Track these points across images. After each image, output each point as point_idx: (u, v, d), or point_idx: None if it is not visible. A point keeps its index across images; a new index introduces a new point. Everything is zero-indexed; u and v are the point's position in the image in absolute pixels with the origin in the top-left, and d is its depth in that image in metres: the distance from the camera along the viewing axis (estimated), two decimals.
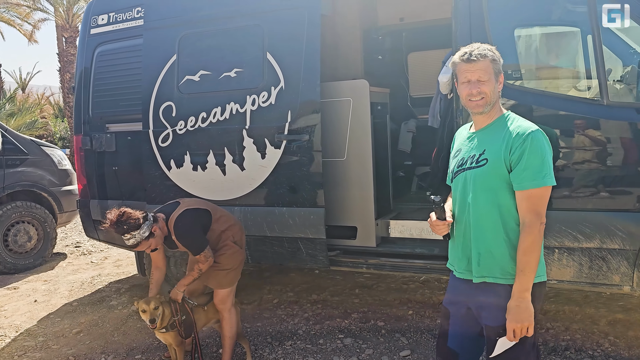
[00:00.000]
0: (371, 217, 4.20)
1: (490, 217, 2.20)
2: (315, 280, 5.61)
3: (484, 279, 2.24)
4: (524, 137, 2.10)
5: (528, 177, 2.08)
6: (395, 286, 5.30)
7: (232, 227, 3.61)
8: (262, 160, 4.16)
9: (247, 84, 4.19)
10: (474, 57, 2.20)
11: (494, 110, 2.26)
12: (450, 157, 2.47)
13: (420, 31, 5.58)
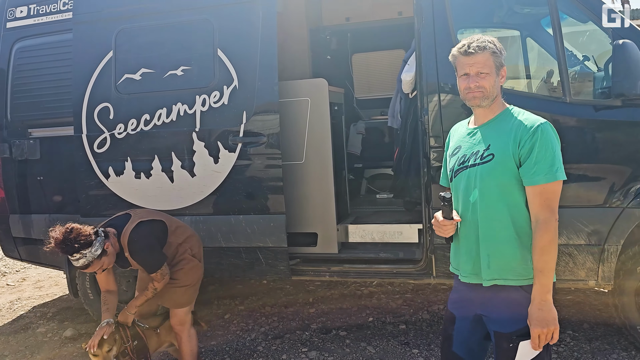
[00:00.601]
0: (332, 223, 4.02)
1: (499, 215, 2.09)
2: (265, 291, 5.33)
3: (494, 281, 2.12)
4: (533, 129, 2.00)
5: (540, 171, 1.98)
6: (349, 292, 5.15)
7: (189, 239, 3.29)
8: (215, 165, 3.85)
9: (196, 83, 3.87)
10: (472, 49, 2.07)
11: (496, 104, 2.15)
12: (447, 154, 2.34)
13: (365, 32, 5.50)
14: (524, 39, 4.48)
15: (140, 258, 2.98)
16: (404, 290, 5.08)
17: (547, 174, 1.98)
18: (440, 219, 2.19)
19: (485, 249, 2.13)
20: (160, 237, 3.11)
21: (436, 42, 3.49)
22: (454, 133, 2.36)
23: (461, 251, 2.24)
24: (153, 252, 3.00)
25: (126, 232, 2.98)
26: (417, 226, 4.00)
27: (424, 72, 3.52)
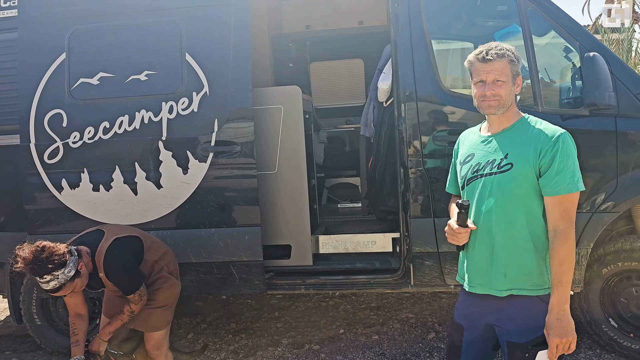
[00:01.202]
0: (307, 234, 3.90)
1: (517, 225, 2.08)
2: (226, 306, 5.11)
3: (510, 292, 2.10)
4: (554, 139, 2.00)
5: (561, 181, 1.99)
6: (314, 304, 5.04)
7: (165, 255, 3.06)
8: (184, 176, 3.63)
9: (163, 89, 3.64)
10: (490, 56, 2.06)
11: (511, 112, 2.15)
12: (458, 162, 2.31)
13: (324, 40, 5.46)
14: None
15: (118, 278, 2.73)
16: (368, 300, 5.04)
17: (569, 184, 1.99)
18: (455, 227, 2.16)
19: (501, 259, 2.10)
20: (137, 254, 2.87)
21: (413, 51, 3.50)
22: (465, 140, 2.33)
23: (472, 261, 2.21)
24: (131, 271, 2.76)
25: (101, 250, 2.72)
26: (392, 235, 3.98)
27: (400, 80, 3.51)
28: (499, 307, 2.14)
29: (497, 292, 2.12)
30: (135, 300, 2.78)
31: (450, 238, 2.20)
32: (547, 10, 3.45)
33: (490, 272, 2.14)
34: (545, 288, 2.08)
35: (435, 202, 3.54)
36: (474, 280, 2.19)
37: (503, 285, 2.10)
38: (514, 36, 4.85)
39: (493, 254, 2.12)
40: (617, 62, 3.38)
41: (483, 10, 3.80)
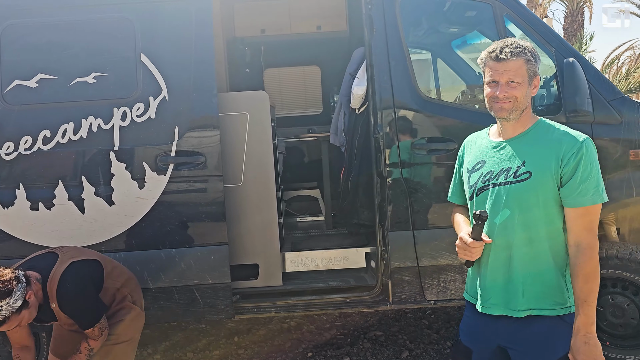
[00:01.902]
0: (275, 251, 3.60)
1: (537, 239, 1.91)
2: (178, 333, 4.66)
3: (530, 312, 1.93)
4: (578, 146, 1.85)
5: (585, 192, 1.84)
6: (275, 326, 4.71)
7: (128, 282, 2.68)
8: (139, 191, 3.23)
9: (114, 93, 3.24)
10: (504, 55, 1.89)
11: (527, 116, 1.98)
12: (465, 169, 2.12)
13: (279, 45, 5.20)
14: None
15: (74, 310, 2.32)
16: (331, 319, 4.79)
17: (593, 195, 1.84)
18: (468, 240, 1.95)
19: (518, 276, 1.93)
20: (96, 281, 2.47)
21: (389, 55, 3.32)
22: (472, 146, 2.15)
23: (485, 279, 2.02)
24: (90, 301, 2.38)
25: (54, 277, 2.30)
26: (365, 250, 3.76)
27: (377, 86, 3.32)
28: (515, 329, 1.96)
29: (514, 313, 1.94)
30: (94, 335, 2.38)
31: (462, 253, 2.00)
32: (522, 16, 3.39)
33: (506, 291, 1.96)
34: (566, 307, 1.92)
35: (414, 214, 3.36)
36: (488, 300, 2.00)
37: (521, 305, 1.93)
38: (474, 44, 4.87)
39: (509, 270, 1.95)
40: (591, 69, 3.37)
41: (456, 14, 3.71)
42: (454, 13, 3.75)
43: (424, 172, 3.33)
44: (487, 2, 3.38)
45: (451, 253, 3.38)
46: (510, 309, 1.95)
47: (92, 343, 2.44)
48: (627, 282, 3.38)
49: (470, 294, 2.12)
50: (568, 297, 1.93)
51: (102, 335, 2.44)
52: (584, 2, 16.69)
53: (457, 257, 3.35)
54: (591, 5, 17.15)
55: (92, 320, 2.38)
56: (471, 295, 2.10)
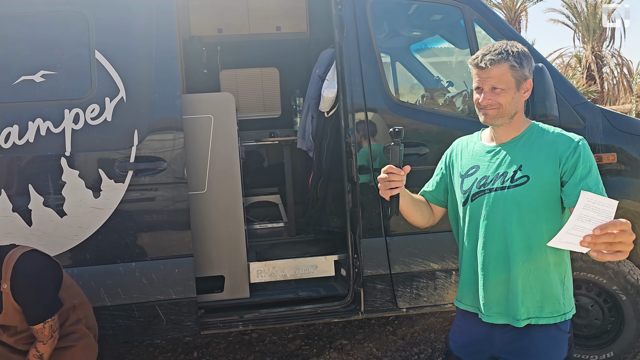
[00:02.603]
0: (242, 262, 3.41)
1: (537, 243, 1.86)
2: (131, 351, 4.36)
3: (529, 320, 1.88)
4: (574, 145, 1.83)
5: (588, 188, 1.79)
6: (235, 339, 4.50)
7: (85, 305, 2.45)
8: (95, 200, 2.96)
9: (65, 93, 2.96)
10: (483, 64, 1.84)
11: (519, 120, 1.94)
12: (457, 174, 2.05)
13: (236, 46, 5.00)
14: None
15: (27, 295, 2.13)
16: (294, 329, 4.64)
17: (595, 191, 1.80)
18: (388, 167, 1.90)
19: (518, 283, 1.87)
20: (55, 279, 2.23)
21: (361, 56, 3.23)
22: (462, 150, 2.08)
23: (486, 286, 1.95)
24: (46, 291, 2.19)
25: (13, 256, 2.13)
26: (334, 257, 3.64)
27: (347, 88, 3.21)
28: (511, 338, 1.91)
29: (514, 322, 1.89)
30: (44, 336, 2.17)
31: (383, 187, 1.92)
32: (491, 20, 3.39)
33: (507, 299, 1.90)
34: (562, 314, 1.89)
35: (386, 220, 3.28)
36: (490, 309, 1.93)
37: (521, 314, 1.88)
38: (434, 47, 4.88)
39: (509, 277, 1.89)
40: (556, 74, 3.42)
41: (423, 18, 3.68)
42: (421, 16, 3.71)
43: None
44: (457, 6, 3.35)
45: (424, 259, 3.33)
46: (512, 317, 1.90)
47: (41, 347, 2.20)
48: (591, 283, 3.45)
49: (464, 302, 2.04)
50: (564, 304, 1.90)
51: (52, 339, 2.21)
52: (521, 11, 17.46)
53: (430, 264, 3.34)
54: (527, 15, 17.95)
55: (45, 314, 2.16)
56: (466, 303, 2.03)
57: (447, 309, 3.44)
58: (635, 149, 3.47)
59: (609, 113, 3.52)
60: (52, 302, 2.27)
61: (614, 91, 20.98)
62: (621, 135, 3.45)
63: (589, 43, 20.52)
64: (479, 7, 3.36)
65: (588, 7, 20.02)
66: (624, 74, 20.99)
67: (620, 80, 20.98)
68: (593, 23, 20.31)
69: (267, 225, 4.80)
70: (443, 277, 3.36)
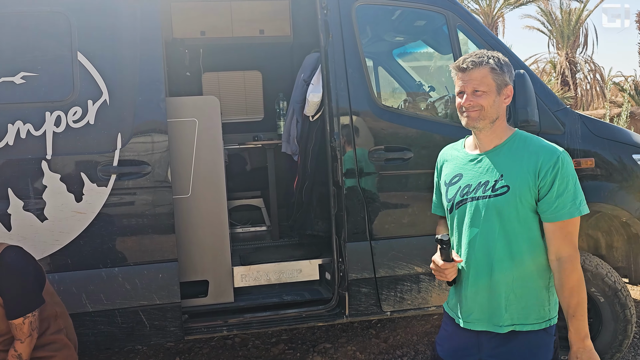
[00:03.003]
0: (227, 267, 3.39)
1: (519, 251, 1.89)
2: (112, 357, 4.28)
3: (513, 327, 1.90)
4: (554, 160, 1.84)
5: (562, 205, 1.83)
6: (218, 344, 4.46)
7: (65, 316, 2.46)
8: (77, 204, 2.91)
9: (47, 96, 2.90)
10: (465, 64, 1.88)
11: (501, 127, 1.96)
12: (442, 182, 2.07)
13: (219, 49, 4.98)
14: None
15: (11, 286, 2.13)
16: (277, 333, 4.62)
17: (570, 208, 1.83)
18: (440, 263, 1.93)
19: (501, 291, 1.90)
20: (39, 278, 2.21)
21: (346, 61, 3.24)
22: (448, 158, 2.11)
23: (467, 294, 1.98)
24: (29, 284, 2.20)
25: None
26: (318, 261, 3.64)
27: (333, 93, 3.23)
28: (498, 343, 1.94)
29: (497, 329, 1.92)
30: (22, 333, 2.14)
31: (438, 275, 1.97)
32: (474, 27, 3.44)
33: (489, 306, 1.93)
34: (547, 320, 1.92)
35: (371, 224, 3.30)
36: (470, 315, 1.96)
37: (504, 320, 1.91)
38: (416, 52, 4.93)
39: (491, 285, 1.92)
40: (537, 80, 3.48)
41: (407, 23, 3.71)
42: (405, 21, 3.75)
43: (381, 181, 3.28)
44: (440, 13, 3.39)
45: (408, 263, 3.36)
46: (493, 324, 1.92)
47: (19, 346, 2.17)
48: None
49: (451, 307, 2.07)
50: (549, 310, 1.93)
51: (30, 338, 2.18)
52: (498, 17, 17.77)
53: (414, 267, 3.37)
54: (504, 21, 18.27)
55: (26, 307, 2.14)
56: (454, 310, 2.05)
57: (431, 312, 3.47)
58: (611, 154, 3.55)
59: (586, 119, 3.60)
60: (34, 296, 2.24)
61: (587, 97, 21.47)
62: (598, 140, 3.54)
63: (563, 49, 20.96)
64: (462, 14, 3.40)
65: (562, 14, 20.46)
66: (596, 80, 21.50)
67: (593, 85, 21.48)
68: (567, 29, 20.76)
69: (249, 229, 4.78)
70: (427, 281, 3.39)
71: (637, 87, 16.48)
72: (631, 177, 3.55)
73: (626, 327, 3.42)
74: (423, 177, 3.29)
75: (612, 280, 3.44)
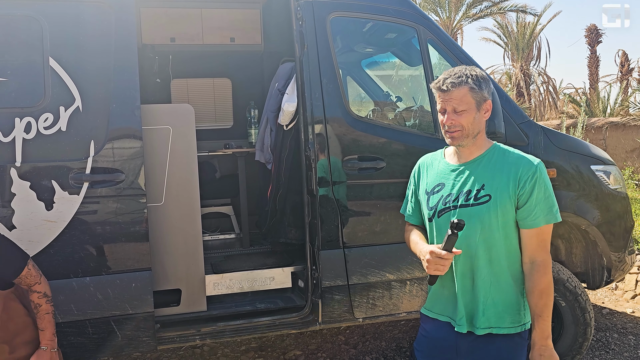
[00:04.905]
0: (200, 275, 3.37)
1: (497, 258, 1.99)
2: None
3: (490, 330, 1.99)
4: (533, 170, 1.95)
5: (541, 212, 1.94)
6: (186, 352, 4.41)
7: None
8: (47, 213, 2.84)
9: (16, 101, 2.83)
10: (445, 86, 1.96)
11: (481, 140, 2.06)
12: (423, 191, 2.14)
13: (188, 56, 4.95)
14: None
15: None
16: (246, 341, 4.60)
17: (547, 215, 1.95)
18: (442, 253, 1.90)
19: (478, 295, 1.99)
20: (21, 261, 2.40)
21: (321, 71, 3.30)
22: (428, 168, 2.18)
23: (446, 297, 2.06)
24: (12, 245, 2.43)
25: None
26: (291, 269, 3.67)
27: (308, 102, 3.27)
28: (475, 347, 2.02)
29: (475, 330, 2.00)
30: (34, 276, 2.39)
31: (434, 267, 1.93)
32: (444, 41, 3.55)
33: (470, 309, 2.02)
34: (522, 324, 2.02)
35: (344, 232, 3.35)
36: (461, 318, 2.03)
37: (481, 323, 1.99)
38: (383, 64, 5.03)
39: (472, 288, 2.01)
40: (502, 94, 3.62)
41: (378, 36, 3.80)
42: (377, 33, 3.83)
43: (354, 190, 3.34)
44: (412, 27, 3.49)
45: (380, 270, 3.42)
46: (474, 326, 2.00)
47: (39, 287, 2.38)
48: None
49: (434, 311, 2.12)
50: (524, 314, 2.02)
51: (43, 277, 2.39)
52: (457, 29, 18.28)
53: (386, 274, 3.43)
54: (462, 33, 18.81)
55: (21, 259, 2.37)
56: (435, 312, 2.12)
57: (401, 317, 3.55)
58: (571, 165, 3.73)
59: (548, 131, 3.76)
60: (21, 252, 2.43)
61: (540, 107, 22.29)
62: (559, 151, 3.71)
63: (518, 61, 21.72)
64: (433, 28, 3.51)
65: (518, 27, 21.22)
66: (549, 92, 22.36)
67: (546, 97, 22.33)
68: (522, 42, 21.53)
69: (219, 237, 4.75)
70: (398, 287, 3.46)
71: (587, 100, 17.27)
72: (589, 187, 3.74)
73: (586, 330, 3.59)
74: (395, 187, 3.36)
75: (572, 285, 3.60)
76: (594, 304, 5.27)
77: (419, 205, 2.20)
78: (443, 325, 2.07)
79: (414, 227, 2.25)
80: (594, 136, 12.95)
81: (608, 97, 16.88)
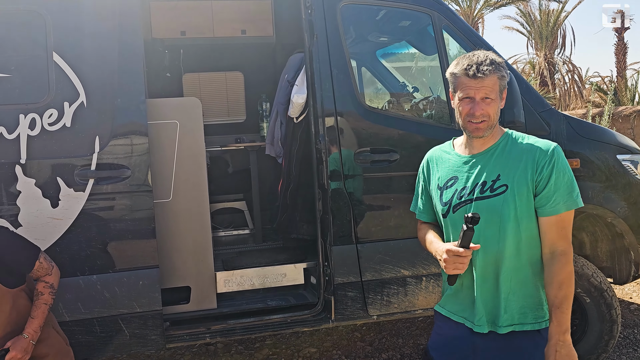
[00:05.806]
0: (209, 272, 3.31)
1: (515, 252, 1.87)
2: None
3: (512, 327, 1.88)
4: (550, 154, 1.84)
5: (560, 199, 1.83)
6: (200, 350, 4.37)
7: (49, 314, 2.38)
8: (53, 210, 2.81)
9: (20, 98, 2.79)
10: (481, 73, 1.83)
11: (496, 130, 1.95)
12: (435, 186, 2.03)
13: (200, 49, 4.88)
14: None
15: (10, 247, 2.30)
16: (261, 338, 4.54)
17: (567, 201, 1.83)
18: (460, 250, 1.78)
19: (503, 291, 1.88)
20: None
21: (331, 62, 3.19)
22: (438, 161, 2.06)
23: (464, 295, 1.95)
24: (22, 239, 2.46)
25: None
26: (303, 265, 3.58)
27: (318, 94, 3.17)
28: (494, 346, 1.91)
29: (497, 329, 1.89)
30: (46, 268, 2.40)
31: (452, 266, 1.81)
32: (460, 27, 3.41)
33: (493, 307, 1.90)
34: (545, 320, 1.91)
35: (357, 227, 3.25)
36: (480, 318, 1.91)
37: (504, 321, 1.88)
38: (399, 53, 4.89)
39: (495, 286, 1.89)
40: (523, 82, 3.47)
41: (391, 24, 3.67)
42: (390, 21, 3.71)
43: (367, 183, 3.23)
44: (426, 13, 3.36)
45: (394, 266, 3.31)
46: (495, 325, 1.89)
47: (48, 279, 2.38)
48: None
49: (448, 309, 2.02)
50: (546, 310, 1.92)
51: (55, 269, 2.38)
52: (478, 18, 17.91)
53: (401, 270, 3.32)
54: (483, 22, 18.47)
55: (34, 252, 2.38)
56: (450, 310, 2.01)
57: (417, 314, 3.44)
58: (594, 154, 3.56)
59: (571, 119, 3.59)
60: (32, 246, 2.44)
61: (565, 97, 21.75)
62: (584, 141, 3.54)
63: (541, 50, 21.20)
64: (448, 14, 3.37)
65: (541, 15, 20.69)
66: (574, 81, 21.79)
67: (571, 86, 21.77)
68: (545, 31, 21.01)
69: (232, 233, 4.69)
70: (413, 284, 3.36)
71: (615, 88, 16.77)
72: (615, 177, 3.56)
73: (612, 327, 3.42)
74: (410, 179, 3.22)
75: (597, 280, 3.44)
76: (621, 300, 5.06)
77: (430, 202, 2.09)
78: (458, 324, 1.96)
79: (427, 225, 2.14)
80: (621, 125, 12.56)
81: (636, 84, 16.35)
